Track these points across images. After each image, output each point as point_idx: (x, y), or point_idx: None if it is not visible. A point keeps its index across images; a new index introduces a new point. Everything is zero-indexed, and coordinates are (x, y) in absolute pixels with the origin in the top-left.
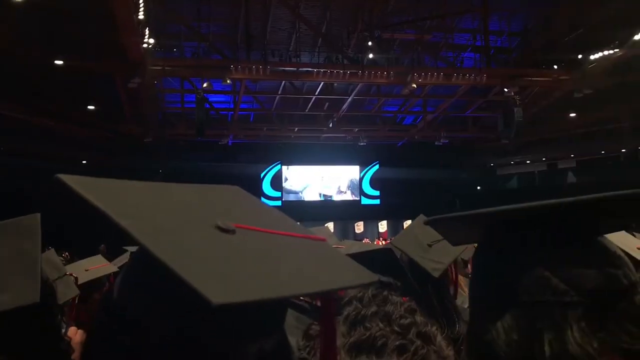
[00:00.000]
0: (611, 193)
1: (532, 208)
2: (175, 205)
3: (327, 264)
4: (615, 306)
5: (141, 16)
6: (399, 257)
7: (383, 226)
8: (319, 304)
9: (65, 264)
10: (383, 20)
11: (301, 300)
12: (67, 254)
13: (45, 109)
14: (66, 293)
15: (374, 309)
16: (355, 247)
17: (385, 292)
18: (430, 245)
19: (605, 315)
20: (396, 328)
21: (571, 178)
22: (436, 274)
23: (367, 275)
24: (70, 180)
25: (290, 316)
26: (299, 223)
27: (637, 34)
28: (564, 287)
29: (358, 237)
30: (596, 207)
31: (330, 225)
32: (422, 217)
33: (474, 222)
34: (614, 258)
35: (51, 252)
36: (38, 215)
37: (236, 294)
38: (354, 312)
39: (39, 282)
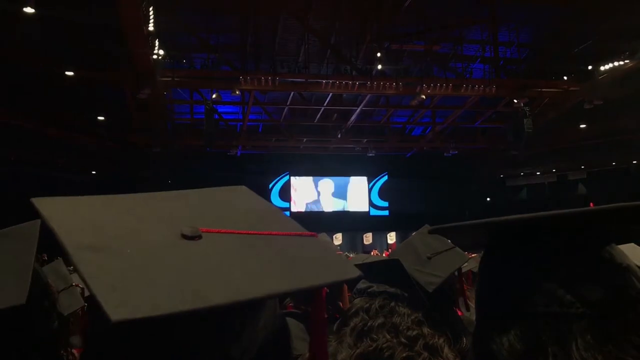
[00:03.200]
0: (620, 204)
1: (538, 218)
2: (148, 217)
3: (303, 261)
4: (623, 318)
5: (151, 28)
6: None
7: (392, 237)
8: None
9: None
10: (392, 31)
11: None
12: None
13: (55, 119)
14: (72, 304)
15: (381, 320)
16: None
17: (393, 303)
18: (429, 258)
19: (613, 328)
20: (403, 340)
21: (581, 189)
22: (430, 288)
23: (348, 271)
24: (41, 203)
25: (296, 327)
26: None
27: None
28: (570, 298)
29: (367, 249)
30: (604, 218)
31: (339, 236)
32: (426, 227)
33: (479, 231)
34: (622, 269)
35: (59, 262)
36: (38, 221)
37: (140, 310)
38: (360, 323)
39: (28, 285)
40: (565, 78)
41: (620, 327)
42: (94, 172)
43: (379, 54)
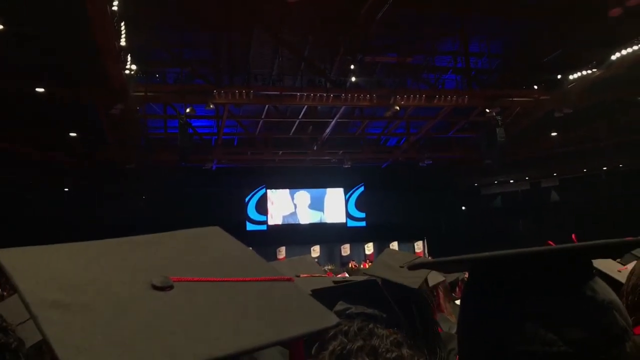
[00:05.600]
0: (602, 242)
1: (518, 255)
2: (115, 267)
3: (279, 311)
4: (605, 356)
5: (123, 43)
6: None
7: (369, 248)
8: None
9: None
10: (364, 44)
11: None
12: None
13: (27, 136)
14: (33, 336)
15: (360, 343)
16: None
17: (371, 325)
18: (402, 267)
19: None
20: None
21: (554, 196)
22: (415, 285)
23: (324, 319)
24: (3, 255)
25: (275, 350)
26: (283, 247)
27: (614, 54)
28: (552, 336)
29: (344, 260)
30: (586, 254)
31: (317, 248)
32: (390, 249)
33: (457, 267)
34: (605, 305)
35: (14, 298)
36: None
37: None
38: (339, 347)
39: None
40: (535, 87)
41: None
42: (66, 190)
43: (352, 67)
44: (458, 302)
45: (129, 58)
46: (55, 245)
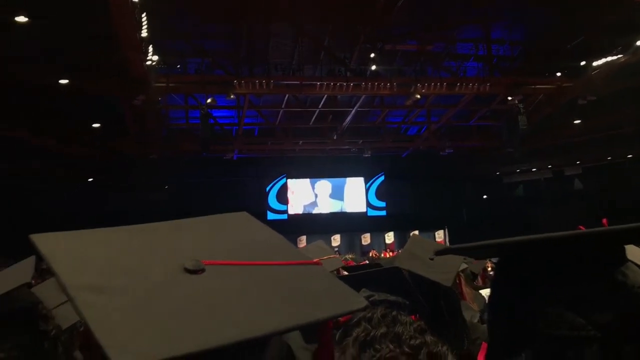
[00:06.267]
0: (635, 225)
1: (547, 239)
2: (149, 251)
3: (308, 294)
4: (635, 341)
5: (144, 34)
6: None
7: (390, 237)
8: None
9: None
10: (385, 32)
11: None
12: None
13: (49, 128)
14: (69, 317)
15: (383, 330)
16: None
17: (395, 312)
18: (432, 259)
19: (626, 353)
20: (406, 349)
21: (577, 185)
22: (448, 283)
23: (353, 302)
24: (40, 240)
25: (299, 337)
26: (304, 236)
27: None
28: (581, 321)
29: (365, 249)
30: (619, 238)
31: (337, 238)
32: (415, 236)
33: (486, 253)
34: (636, 290)
35: (48, 282)
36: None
37: (144, 355)
38: (363, 334)
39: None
40: (558, 74)
41: (634, 352)
42: (90, 180)
43: (372, 55)
44: (481, 291)
45: (150, 49)
46: (90, 230)
